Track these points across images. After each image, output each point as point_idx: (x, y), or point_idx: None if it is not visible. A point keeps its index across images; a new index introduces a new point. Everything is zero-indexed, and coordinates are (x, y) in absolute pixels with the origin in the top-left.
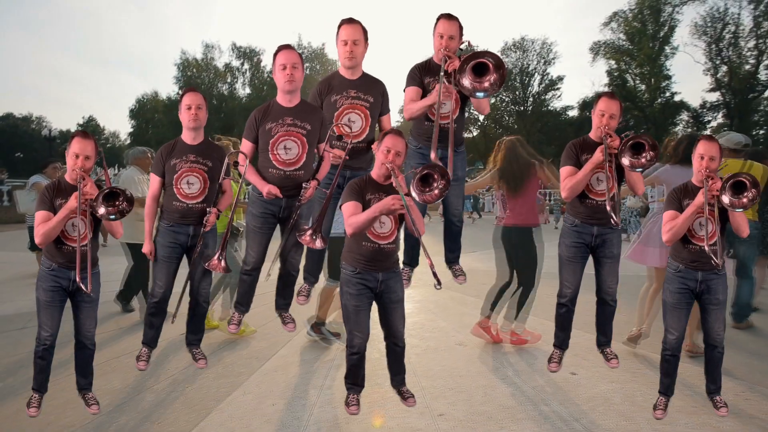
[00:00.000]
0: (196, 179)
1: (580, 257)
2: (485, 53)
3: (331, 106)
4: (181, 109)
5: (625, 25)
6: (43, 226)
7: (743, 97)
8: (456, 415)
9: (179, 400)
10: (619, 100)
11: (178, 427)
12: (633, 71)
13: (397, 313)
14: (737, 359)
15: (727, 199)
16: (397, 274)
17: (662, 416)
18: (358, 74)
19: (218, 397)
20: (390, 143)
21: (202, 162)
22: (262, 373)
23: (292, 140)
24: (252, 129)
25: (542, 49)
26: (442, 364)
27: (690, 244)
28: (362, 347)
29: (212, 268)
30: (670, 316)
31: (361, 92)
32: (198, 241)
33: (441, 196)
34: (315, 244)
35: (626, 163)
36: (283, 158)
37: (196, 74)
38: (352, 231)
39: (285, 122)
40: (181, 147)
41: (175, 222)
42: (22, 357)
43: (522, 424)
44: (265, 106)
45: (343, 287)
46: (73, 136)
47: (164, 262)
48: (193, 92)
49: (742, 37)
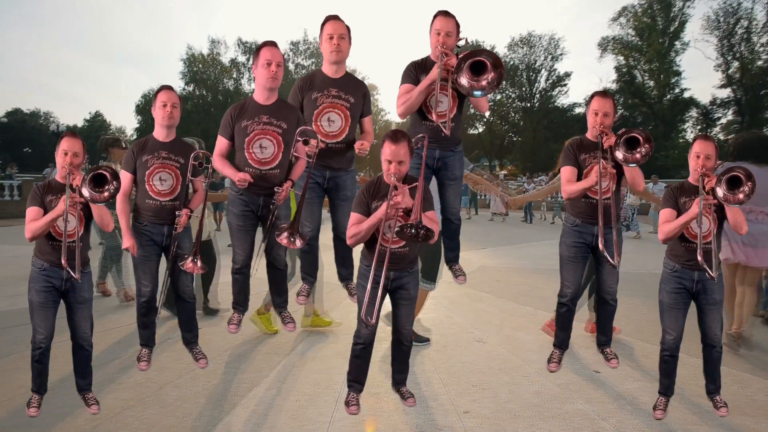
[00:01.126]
0: (169, 175)
1: (581, 257)
2: (483, 51)
3: (312, 104)
4: (155, 105)
5: (634, 20)
6: (32, 224)
7: (755, 93)
8: (482, 413)
9: (202, 395)
10: (612, 98)
11: (203, 422)
12: (642, 67)
13: (407, 310)
14: (766, 360)
15: (722, 193)
16: (411, 273)
17: (662, 416)
18: (341, 73)
19: (240, 392)
20: (389, 155)
21: (174, 159)
22: (283, 369)
23: (268, 139)
24: (228, 126)
25: (549, 45)
26: (462, 360)
27: (685, 243)
28: (369, 339)
29: (188, 270)
30: (667, 316)
31: (342, 92)
32: (173, 241)
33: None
34: (295, 245)
35: (620, 157)
36: (259, 157)
37: (202, 69)
38: (353, 242)
39: (261, 120)
40: (153, 144)
41: (149, 222)
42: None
43: (550, 422)
44: (241, 104)
45: (359, 279)
46: (62, 136)
47: (145, 261)
48: (168, 90)
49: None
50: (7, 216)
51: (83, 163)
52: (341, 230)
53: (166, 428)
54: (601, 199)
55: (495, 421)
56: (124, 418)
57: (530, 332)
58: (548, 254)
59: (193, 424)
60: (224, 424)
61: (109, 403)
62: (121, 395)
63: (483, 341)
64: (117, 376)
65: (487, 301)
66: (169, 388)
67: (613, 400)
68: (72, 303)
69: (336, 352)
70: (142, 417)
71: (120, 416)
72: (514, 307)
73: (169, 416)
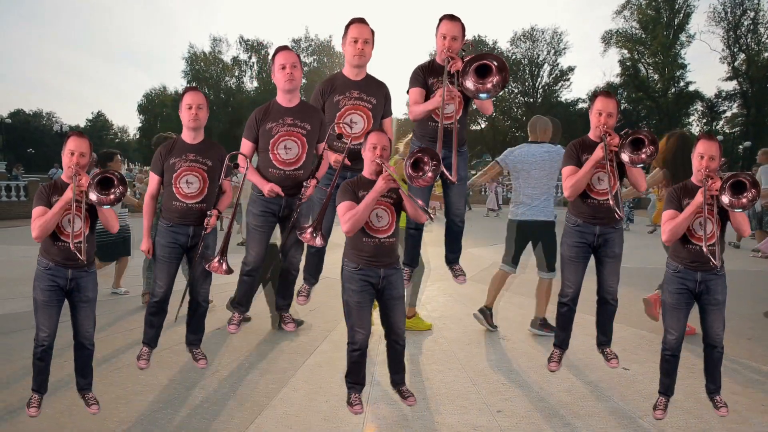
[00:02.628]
0: (196, 178)
1: (582, 257)
2: (488, 55)
3: (334, 107)
4: (181, 107)
5: (638, 12)
6: (39, 219)
7: (761, 85)
8: (516, 411)
9: (230, 397)
10: (616, 98)
11: (234, 424)
12: (646, 60)
13: (398, 309)
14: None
15: (727, 199)
16: (398, 271)
17: (662, 416)
18: (362, 75)
19: (268, 393)
20: (375, 140)
21: (202, 161)
22: (307, 369)
23: (293, 140)
24: (252, 129)
25: (552, 39)
26: (489, 358)
27: (689, 244)
28: (364, 343)
29: (213, 270)
30: (669, 316)
31: (364, 93)
32: (199, 241)
33: (435, 176)
34: (315, 242)
35: (626, 159)
36: (284, 158)
37: (204, 68)
38: (350, 226)
39: (285, 122)
40: (180, 146)
41: (175, 222)
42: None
43: (586, 420)
44: (265, 107)
45: (344, 284)
46: (68, 136)
47: (164, 262)
48: (194, 91)
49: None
50: (14, 216)
51: (91, 163)
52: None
53: (198, 431)
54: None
55: (530, 420)
56: (155, 420)
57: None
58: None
59: (224, 427)
60: (256, 426)
61: (138, 405)
62: (147, 397)
63: (506, 338)
64: (142, 377)
65: (505, 298)
66: (196, 390)
67: (646, 398)
68: (76, 302)
69: None
70: (172, 419)
71: (150, 418)
72: (532, 303)
73: (200, 419)
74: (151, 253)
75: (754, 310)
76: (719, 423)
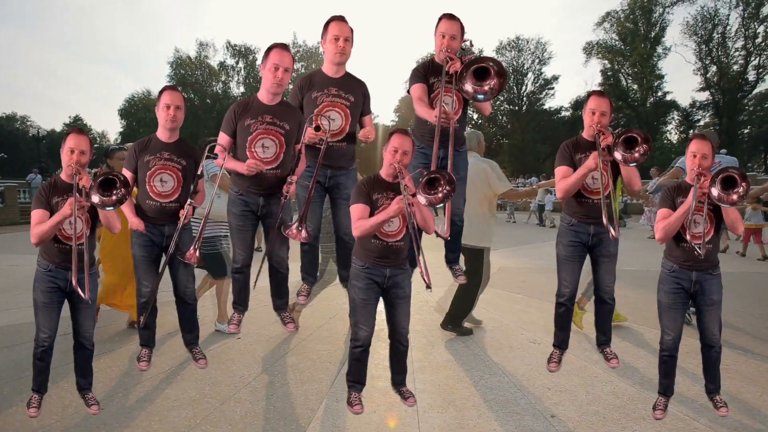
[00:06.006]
0: (170, 177)
1: (578, 256)
2: (488, 59)
3: (312, 103)
4: (158, 106)
5: (617, 25)
6: (38, 227)
7: (732, 96)
8: (569, 416)
9: (269, 410)
10: (609, 97)
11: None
12: (626, 71)
13: (403, 309)
14: None
15: (716, 192)
16: (405, 271)
17: (662, 416)
18: (342, 73)
19: (310, 405)
20: (397, 143)
21: (176, 160)
22: (344, 378)
23: (270, 139)
24: (230, 122)
25: (537, 49)
26: (527, 362)
27: (683, 243)
28: (367, 341)
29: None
30: (665, 316)
31: (342, 90)
32: (175, 237)
33: (444, 200)
34: (301, 236)
35: (619, 157)
36: (261, 156)
37: (190, 73)
38: (359, 234)
39: (264, 120)
40: (155, 144)
41: (149, 222)
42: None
43: (642, 423)
44: (245, 102)
45: (351, 281)
46: (67, 133)
47: (144, 262)
48: (172, 90)
49: (730, 38)
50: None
51: (92, 155)
52: (343, 230)
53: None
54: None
55: (586, 424)
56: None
57: (576, 331)
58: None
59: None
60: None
61: (173, 420)
62: (181, 413)
63: (537, 342)
64: (169, 392)
65: (523, 302)
66: (232, 404)
67: (695, 399)
68: (76, 303)
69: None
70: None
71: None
72: (550, 307)
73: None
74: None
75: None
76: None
